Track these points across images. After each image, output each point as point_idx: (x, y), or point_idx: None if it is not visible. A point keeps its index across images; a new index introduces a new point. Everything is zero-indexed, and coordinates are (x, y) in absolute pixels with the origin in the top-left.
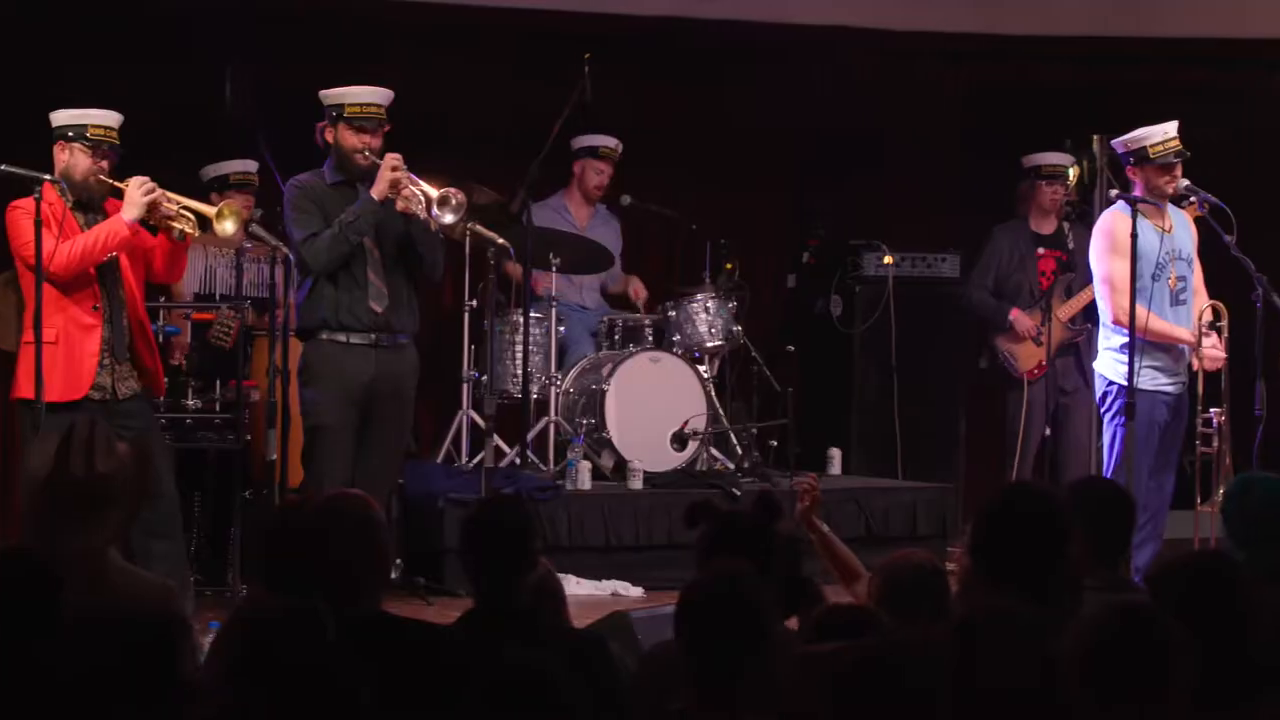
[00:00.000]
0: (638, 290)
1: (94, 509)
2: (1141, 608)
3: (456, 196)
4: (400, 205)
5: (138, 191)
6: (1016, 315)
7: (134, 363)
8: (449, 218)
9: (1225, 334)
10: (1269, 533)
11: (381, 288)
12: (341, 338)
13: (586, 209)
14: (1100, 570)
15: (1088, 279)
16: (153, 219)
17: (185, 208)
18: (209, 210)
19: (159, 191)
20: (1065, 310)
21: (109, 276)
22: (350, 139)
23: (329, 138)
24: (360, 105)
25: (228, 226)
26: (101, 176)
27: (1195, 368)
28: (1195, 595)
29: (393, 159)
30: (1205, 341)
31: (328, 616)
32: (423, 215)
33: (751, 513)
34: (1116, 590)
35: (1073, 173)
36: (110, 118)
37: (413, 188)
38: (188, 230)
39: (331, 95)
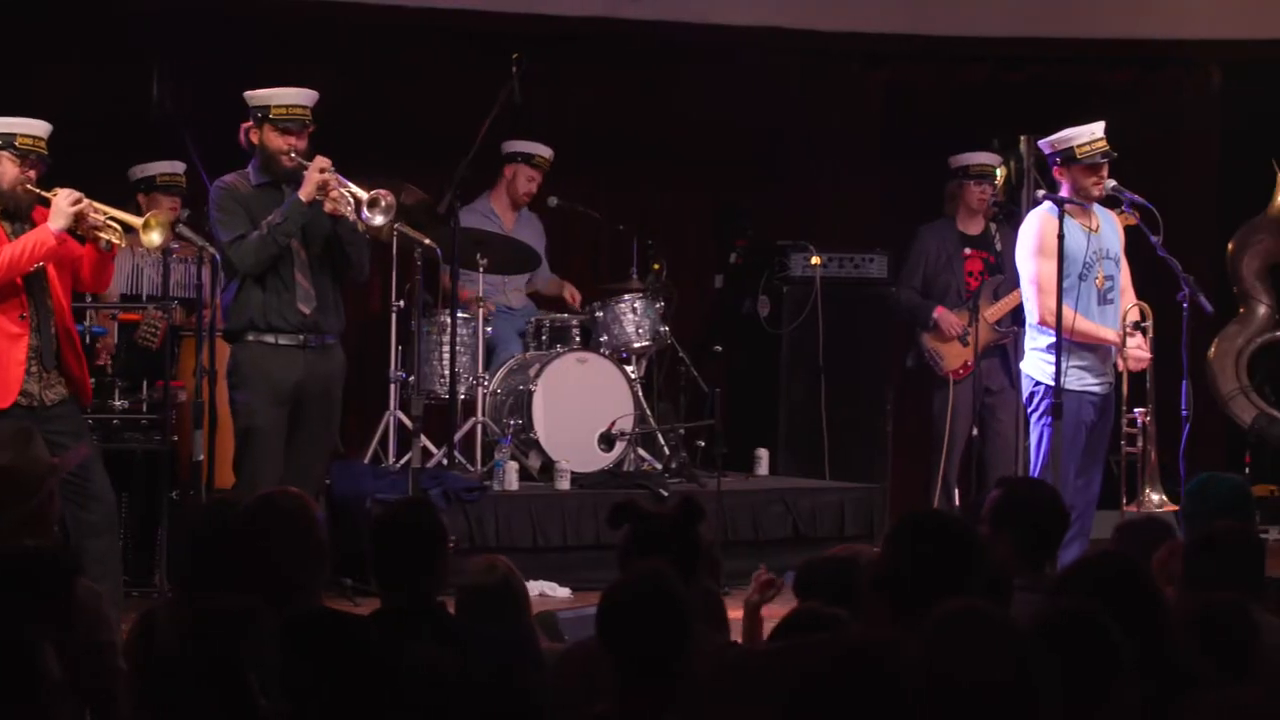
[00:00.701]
0: (573, 294)
1: None
2: (1085, 610)
3: (386, 198)
4: (328, 207)
5: (65, 202)
6: (941, 313)
7: (61, 371)
8: (379, 219)
9: (1150, 334)
10: None
11: (309, 289)
12: (270, 339)
13: (513, 213)
14: (1028, 571)
15: (1016, 281)
16: (80, 229)
17: (112, 218)
18: (136, 221)
19: (86, 202)
20: (993, 312)
21: (36, 286)
22: (276, 140)
23: (254, 139)
24: (286, 107)
25: (154, 238)
26: (29, 186)
27: (1120, 368)
28: (1107, 597)
29: (321, 161)
30: (1130, 342)
31: (268, 614)
32: (351, 216)
33: (674, 515)
34: (1044, 591)
35: (1000, 173)
36: (39, 127)
37: (341, 189)
38: (115, 240)
39: (257, 96)
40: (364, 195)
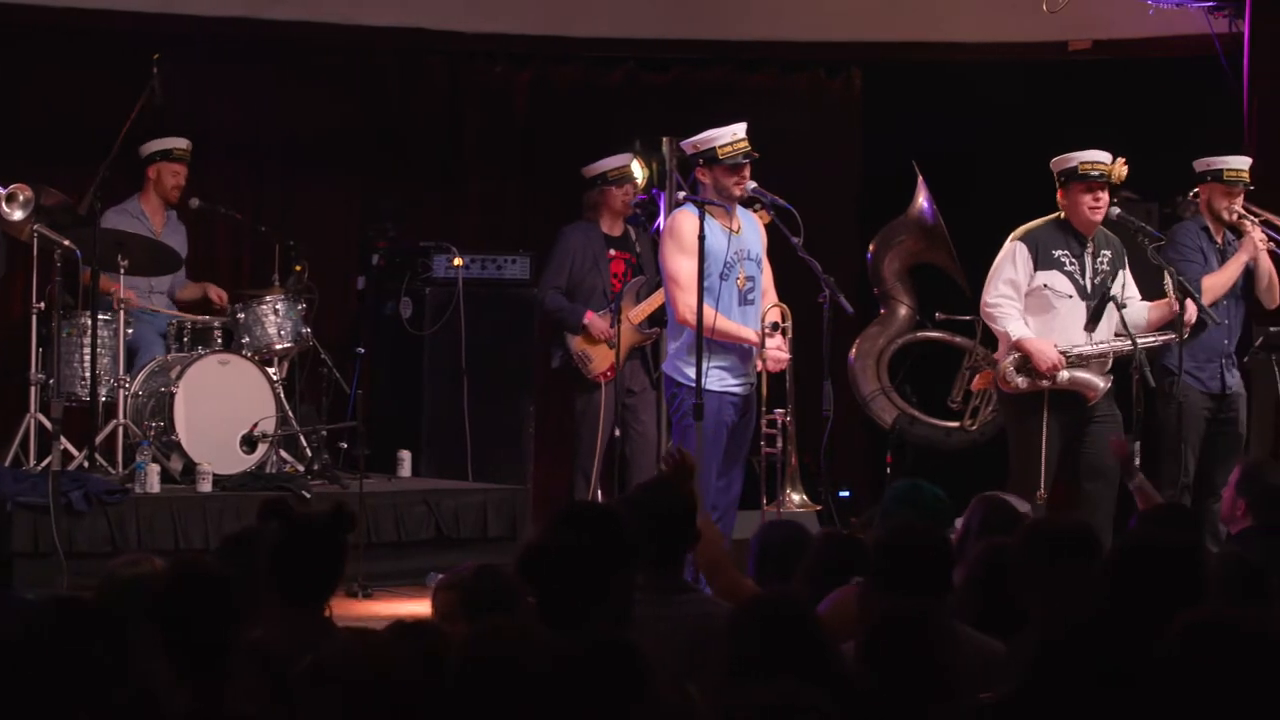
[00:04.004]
0: (219, 294)
1: None
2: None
3: (24, 192)
4: None
5: None
6: (591, 318)
7: None
8: (18, 214)
9: (789, 335)
10: None
11: None
12: None
13: (163, 213)
14: (658, 574)
15: (659, 282)
16: None
17: None
18: None
19: None
20: (637, 313)
21: None
22: None
23: None
24: None
25: None
26: None
27: (759, 369)
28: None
29: None
30: (769, 343)
31: None
32: None
33: (324, 521)
34: (667, 593)
35: (640, 173)
36: None
37: None
38: None
39: None
40: (2, 190)
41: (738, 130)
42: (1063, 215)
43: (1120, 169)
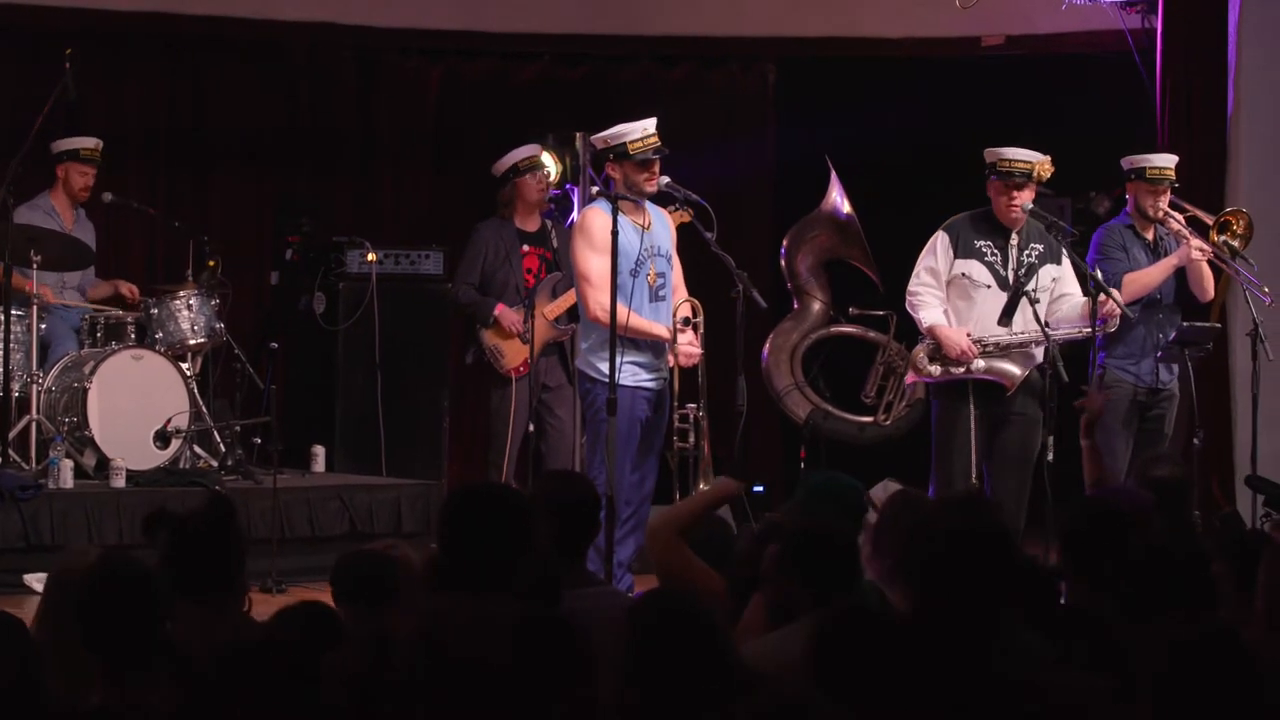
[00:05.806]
0: (131, 289)
1: None
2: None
3: None
4: None
5: None
6: (502, 310)
7: None
8: None
9: (701, 330)
10: None
11: None
12: None
13: (72, 211)
14: (570, 566)
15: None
16: None
17: None
18: None
19: None
20: (551, 309)
21: None
22: None
23: None
24: None
25: None
26: None
27: (672, 364)
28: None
29: None
30: (681, 338)
31: None
32: None
33: (204, 511)
34: (579, 585)
35: (553, 166)
36: None
37: None
38: None
39: None
40: None
41: (648, 126)
42: (990, 206)
43: (1044, 168)
